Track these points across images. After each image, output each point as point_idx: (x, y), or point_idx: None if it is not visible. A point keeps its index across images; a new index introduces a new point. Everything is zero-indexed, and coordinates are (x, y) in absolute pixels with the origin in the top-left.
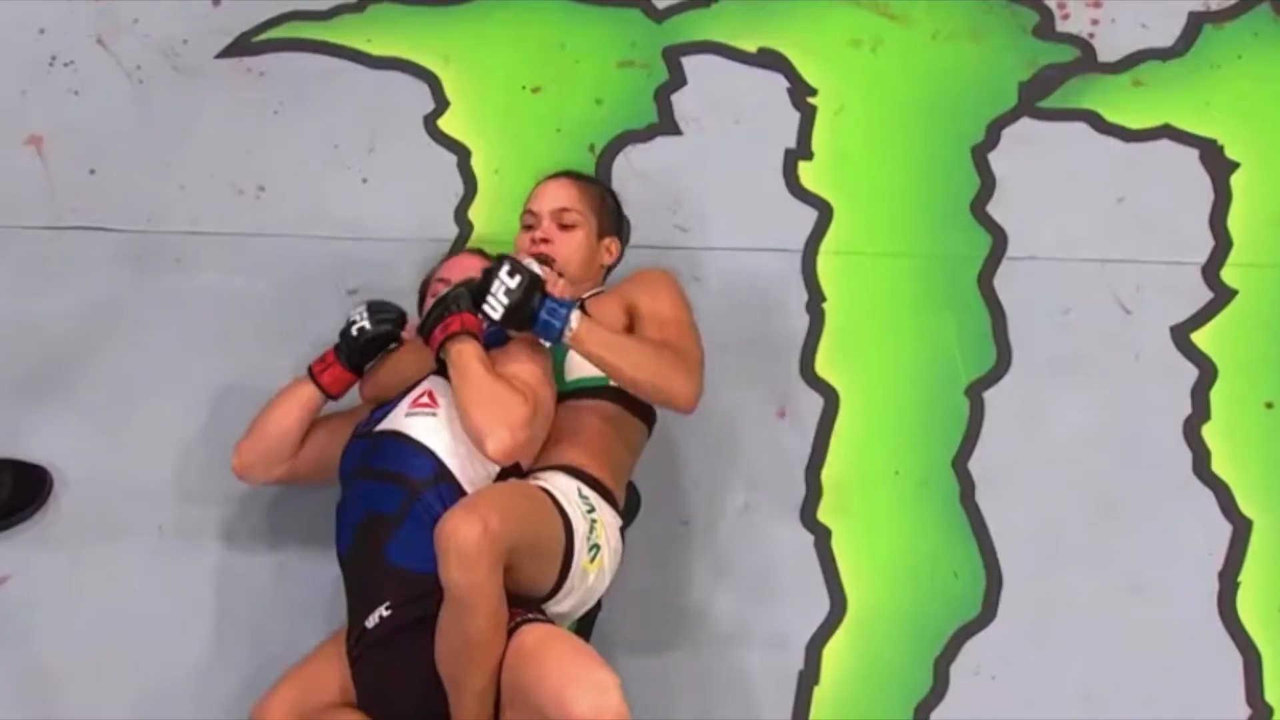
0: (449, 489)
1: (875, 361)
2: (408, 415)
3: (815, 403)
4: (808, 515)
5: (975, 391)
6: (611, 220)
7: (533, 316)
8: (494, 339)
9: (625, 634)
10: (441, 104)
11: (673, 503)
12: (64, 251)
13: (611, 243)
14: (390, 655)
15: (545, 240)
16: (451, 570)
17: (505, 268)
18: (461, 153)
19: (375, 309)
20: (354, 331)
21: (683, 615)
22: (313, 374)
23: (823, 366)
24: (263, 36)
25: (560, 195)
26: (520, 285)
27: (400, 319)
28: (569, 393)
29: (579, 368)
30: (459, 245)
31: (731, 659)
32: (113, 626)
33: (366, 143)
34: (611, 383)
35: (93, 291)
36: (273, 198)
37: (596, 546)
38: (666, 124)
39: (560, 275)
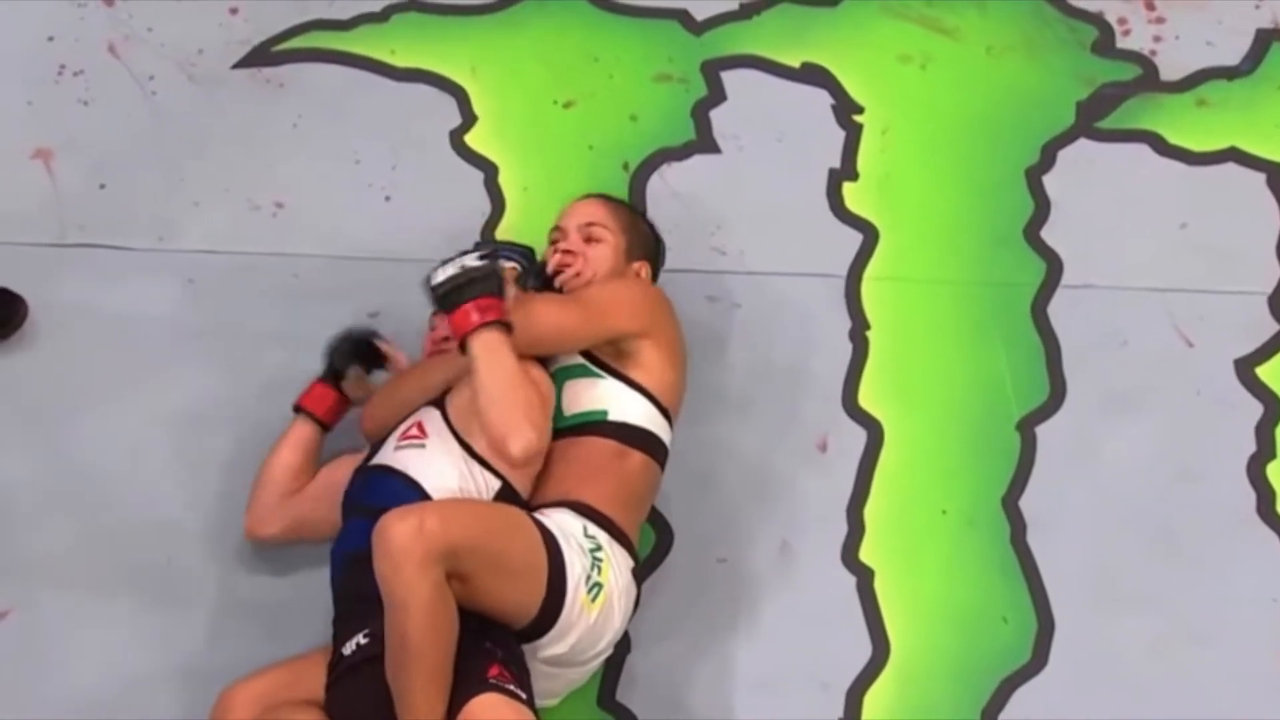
0: None
1: (922, 393)
2: (396, 449)
3: (858, 436)
4: (849, 555)
5: (1027, 426)
6: (642, 243)
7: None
8: None
9: (658, 675)
10: (469, 118)
11: (709, 539)
12: (72, 270)
13: (642, 266)
14: (361, 682)
15: (569, 252)
16: (380, 564)
17: (477, 254)
18: (489, 169)
19: (347, 331)
20: (331, 351)
21: (718, 657)
22: (298, 407)
23: (866, 398)
24: (282, 46)
25: (587, 211)
26: (475, 271)
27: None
28: (569, 428)
29: (577, 402)
30: None
31: (769, 705)
32: (110, 666)
33: (390, 158)
34: (611, 417)
35: (102, 312)
36: (291, 215)
37: (598, 585)
38: (705, 142)
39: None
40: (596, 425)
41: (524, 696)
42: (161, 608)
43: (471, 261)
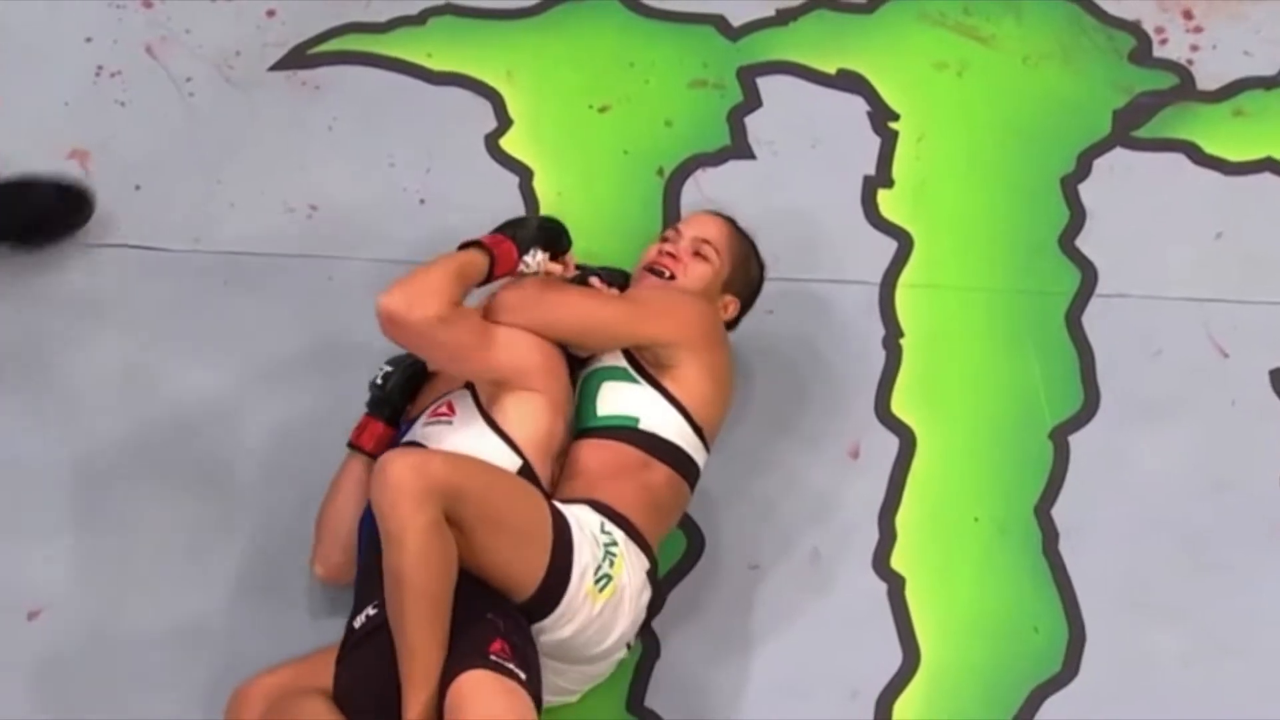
0: None
1: (955, 401)
2: (424, 426)
3: (890, 443)
4: (880, 562)
5: (1060, 435)
6: (743, 282)
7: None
8: None
9: (687, 681)
10: (504, 122)
11: (740, 546)
12: (107, 271)
13: (731, 301)
14: (367, 654)
15: (672, 256)
16: (377, 498)
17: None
18: (524, 174)
19: (395, 360)
20: (380, 380)
21: (748, 664)
22: (353, 445)
23: (899, 405)
24: (319, 49)
25: (709, 228)
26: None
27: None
28: (599, 429)
29: (611, 404)
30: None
31: (798, 712)
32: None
33: (425, 162)
34: (642, 426)
35: (136, 314)
36: (325, 218)
37: (608, 577)
38: (740, 147)
39: None
40: (625, 431)
41: (522, 676)
42: (185, 607)
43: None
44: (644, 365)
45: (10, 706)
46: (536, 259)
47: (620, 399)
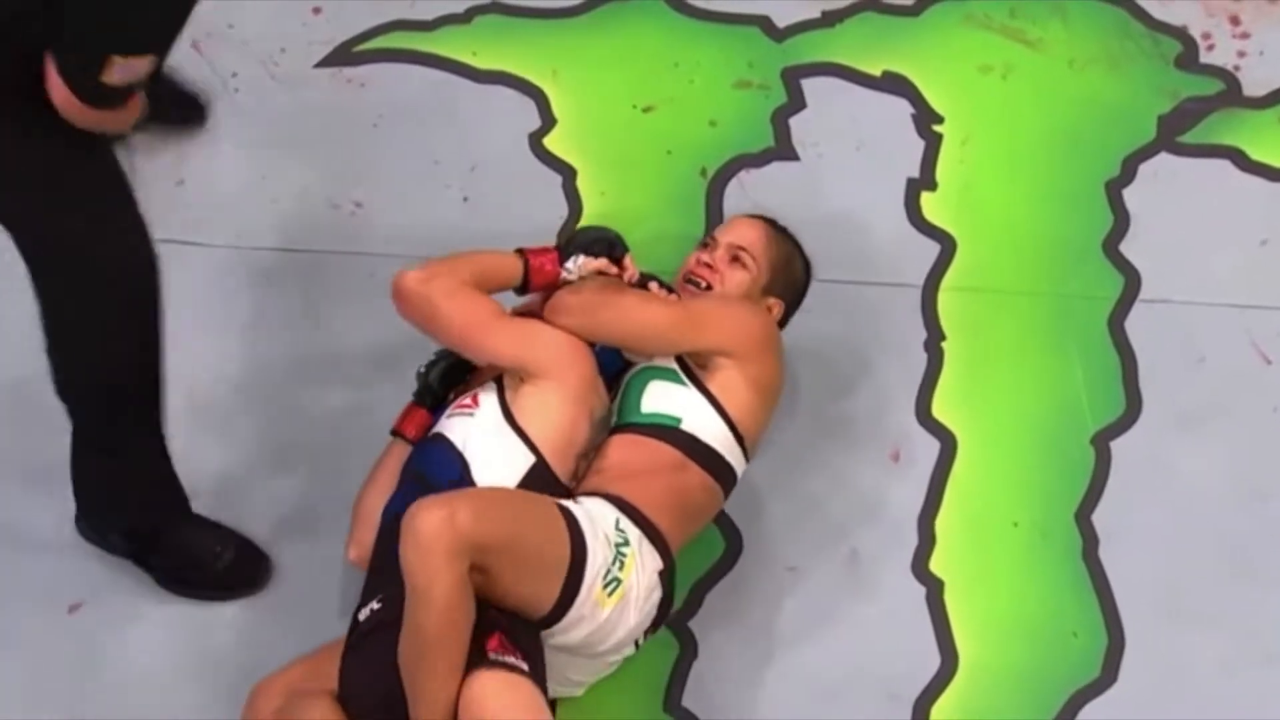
0: None
1: (996, 405)
2: (448, 417)
3: (931, 447)
4: (919, 566)
5: (1101, 441)
6: (786, 284)
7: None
8: (610, 365)
9: (724, 682)
10: (548, 121)
11: (778, 547)
12: None
13: (775, 303)
14: (369, 648)
15: (709, 266)
16: (406, 553)
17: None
18: (567, 173)
19: (442, 351)
20: (423, 368)
21: (785, 665)
22: (396, 431)
23: (940, 409)
24: (364, 46)
25: (746, 234)
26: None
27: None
28: (640, 425)
29: (655, 402)
30: None
31: (835, 714)
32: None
33: (469, 160)
34: (683, 426)
35: (178, 309)
36: (369, 215)
37: (617, 580)
38: (783, 148)
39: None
40: (667, 430)
41: (525, 669)
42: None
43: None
44: (693, 369)
45: (49, 699)
46: (578, 263)
47: (665, 398)
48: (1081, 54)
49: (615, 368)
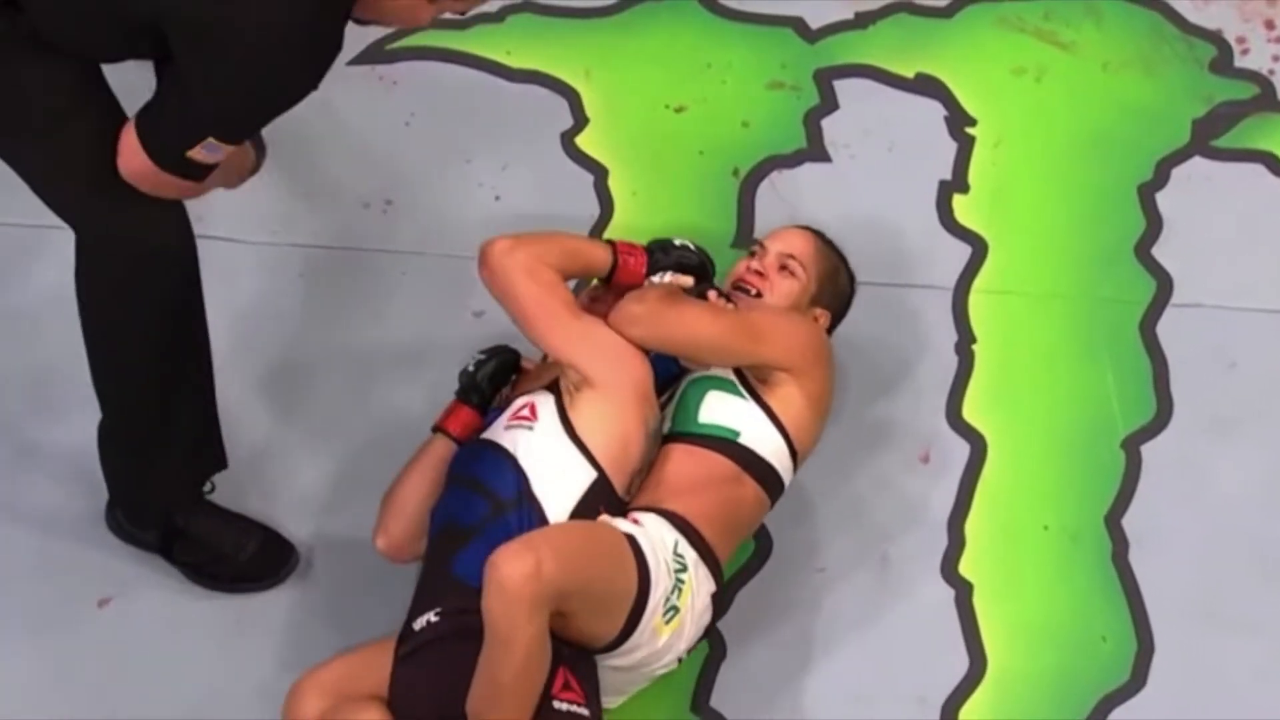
0: (530, 512)
1: (1026, 408)
2: (506, 428)
3: (961, 449)
4: (949, 568)
5: (1132, 445)
6: (832, 294)
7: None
8: (664, 371)
9: (752, 682)
10: (580, 121)
11: (808, 548)
12: None
13: (822, 314)
14: (426, 661)
15: (759, 273)
16: (492, 602)
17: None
18: (599, 172)
19: (491, 350)
20: (472, 367)
21: (813, 667)
22: (439, 428)
23: (970, 411)
24: (397, 44)
25: (795, 243)
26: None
27: (515, 353)
28: (697, 436)
29: (713, 414)
30: None
31: (863, 716)
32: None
33: (501, 159)
34: (741, 440)
35: (212, 306)
36: (400, 212)
37: (675, 609)
38: (815, 150)
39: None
40: (724, 443)
41: (587, 714)
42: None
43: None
44: (751, 381)
45: (79, 694)
46: (664, 279)
47: (724, 410)
48: (1115, 57)
49: (669, 374)
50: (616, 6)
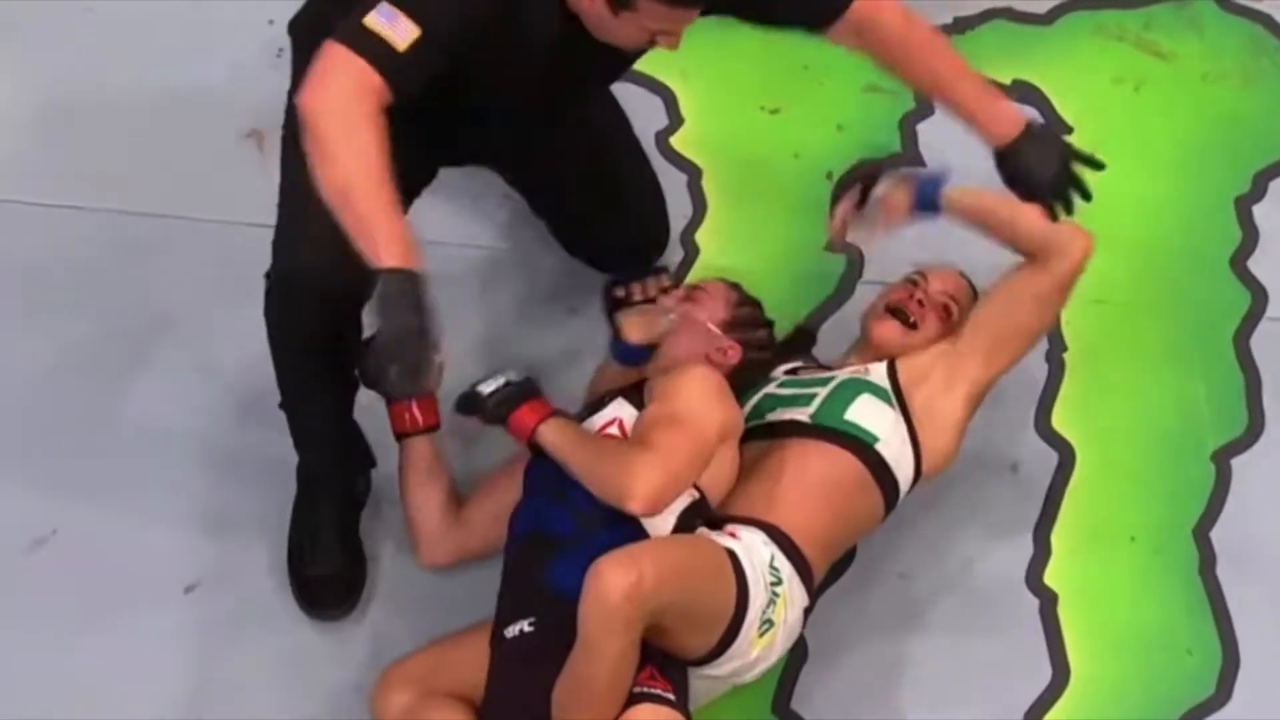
0: (626, 526)
1: (1116, 418)
2: None
3: (1049, 458)
4: (1034, 577)
5: (1222, 457)
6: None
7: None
8: (631, 357)
9: (833, 686)
10: (675, 120)
11: (891, 553)
12: (257, 249)
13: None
14: (519, 671)
15: (923, 305)
16: (590, 609)
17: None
18: (693, 172)
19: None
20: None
21: (895, 672)
22: (410, 433)
23: (1059, 420)
24: None
25: (959, 286)
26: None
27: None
28: (837, 432)
29: (860, 414)
30: (683, 269)
31: None
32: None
33: None
34: (878, 447)
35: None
36: (489, 209)
37: (770, 622)
38: (910, 154)
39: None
40: (861, 446)
41: (672, 699)
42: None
43: (514, 377)
44: (904, 398)
45: (163, 677)
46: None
47: (870, 414)
48: (1215, 69)
49: (638, 359)
50: None
